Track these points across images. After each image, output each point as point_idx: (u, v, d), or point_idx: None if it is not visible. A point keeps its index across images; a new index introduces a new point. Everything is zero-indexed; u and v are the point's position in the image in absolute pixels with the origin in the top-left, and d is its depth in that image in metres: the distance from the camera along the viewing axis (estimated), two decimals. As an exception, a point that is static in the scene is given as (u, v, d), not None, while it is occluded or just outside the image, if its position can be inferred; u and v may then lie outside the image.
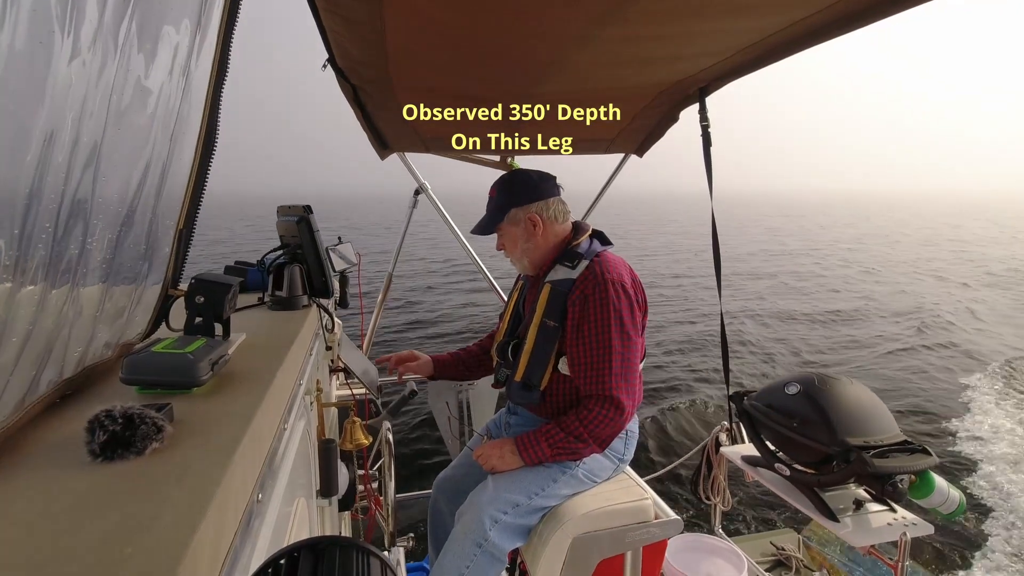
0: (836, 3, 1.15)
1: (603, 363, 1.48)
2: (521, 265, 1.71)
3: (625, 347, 1.49)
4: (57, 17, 0.57)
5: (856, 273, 19.10)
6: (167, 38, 0.82)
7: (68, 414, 0.77)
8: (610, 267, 1.54)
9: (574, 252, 1.60)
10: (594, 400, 1.49)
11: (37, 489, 0.58)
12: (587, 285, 1.51)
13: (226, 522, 0.60)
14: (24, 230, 0.59)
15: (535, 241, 1.64)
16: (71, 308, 0.74)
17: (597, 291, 1.49)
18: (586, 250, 1.60)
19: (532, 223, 1.63)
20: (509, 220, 1.65)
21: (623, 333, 1.49)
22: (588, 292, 1.50)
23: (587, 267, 1.55)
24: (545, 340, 1.56)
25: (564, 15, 1.18)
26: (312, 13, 1.22)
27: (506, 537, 1.49)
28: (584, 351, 1.50)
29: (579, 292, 1.52)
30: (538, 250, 1.65)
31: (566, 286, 1.54)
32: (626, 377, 1.50)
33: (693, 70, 1.64)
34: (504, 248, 1.71)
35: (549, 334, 1.55)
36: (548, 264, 1.65)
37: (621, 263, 1.60)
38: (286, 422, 1.03)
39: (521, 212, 1.63)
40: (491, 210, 1.68)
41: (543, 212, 1.64)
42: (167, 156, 0.94)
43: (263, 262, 1.72)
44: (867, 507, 1.73)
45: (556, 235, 1.66)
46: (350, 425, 1.63)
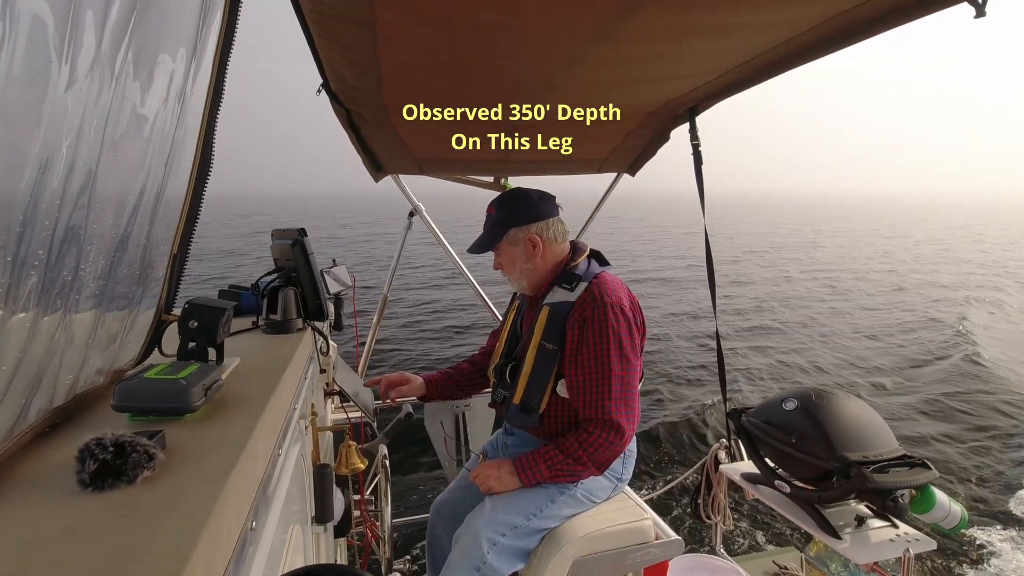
0: (823, 24, 1.18)
1: (603, 387, 1.47)
2: (519, 286, 1.70)
3: (624, 370, 1.48)
4: (55, 46, 0.57)
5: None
6: (163, 66, 0.83)
7: (58, 443, 0.76)
8: (609, 290, 1.53)
9: (572, 274, 1.59)
10: (594, 424, 1.47)
11: (26, 520, 0.57)
12: (586, 308, 1.50)
13: (218, 551, 0.58)
14: (17, 257, 0.59)
15: (534, 262, 1.63)
16: (63, 335, 0.74)
17: (596, 315, 1.48)
18: (584, 271, 1.59)
19: (532, 244, 1.62)
20: (508, 240, 1.63)
21: (622, 356, 1.48)
22: (587, 315, 1.49)
23: (586, 289, 1.54)
24: (544, 363, 1.55)
25: (554, 38, 1.20)
26: (306, 40, 1.24)
27: (504, 560, 1.46)
28: (583, 375, 1.48)
29: (578, 315, 1.51)
30: (537, 271, 1.64)
31: (565, 309, 1.53)
32: (626, 401, 1.49)
33: (683, 90, 1.67)
34: (502, 268, 1.69)
35: (548, 357, 1.54)
36: (546, 285, 1.63)
37: (619, 284, 1.59)
38: (280, 447, 1.02)
39: (521, 232, 1.62)
40: (489, 228, 1.66)
41: (543, 233, 1.63)
42: (162, 181, 0.94)
43: (257, 285, 1.72)
44: (869, 523, 1.72)
45: (555, 256, 1.65)
46: (345, 449, 1.61)
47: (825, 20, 1.16)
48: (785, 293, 17.26)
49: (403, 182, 2.80)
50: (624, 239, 33.91)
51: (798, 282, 19.15)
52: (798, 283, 18.97)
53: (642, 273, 20.45)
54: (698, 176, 2.04)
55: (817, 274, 20.86)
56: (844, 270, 21.97)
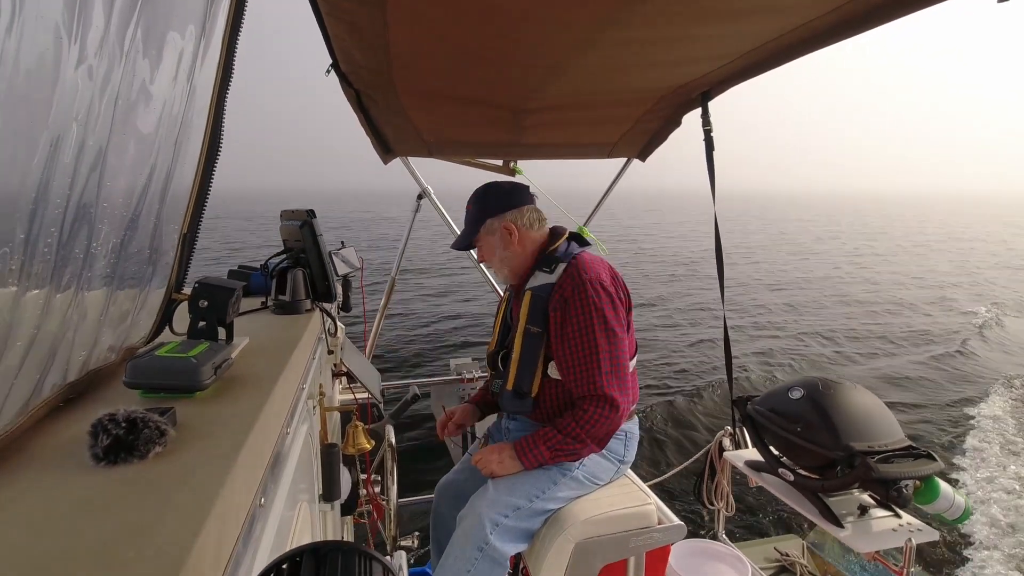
0: (838, 8, 1.15)
1: (591, 363, 1.48)
2: (502, 274, 1.74)
3: (612, 344, 1.50)
4: (64, 24, 0.57)
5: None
6: (172, 44, 0.83)
7: (72, 418, 0.77)
8: (587, 267, 1.55)
9: (552, 257, 1.62)
10: (588, 400, 1.49)
11: (40, 492, 0.58)
12: (566, 288, 1.52)
13: (228, 526, 0.60)
14: (30, 235, 0.60)
15: (512, 249, 1.66)
16: (75, 312, 0.74)
17: (577, 292, 1.50)
18: (563, 253, 1.62)
19: (507, 231, 1.65)
20: (485, 230, 1.68)
21: (608, 330, 1.49)
22: (568, 294, 1.51)
23: (564, 270, 1.56)
24: (530, 346, 1.57)
25: (566, 19, 1.18)
26: (316, 19, 1.23)
27: (507, 540, 1.48)
28: (571, 353, 1.50)
29: (559, 295, 1.53)
30: (516, 258, 1.67)
31: (546, 291, 1.56)
32: (617, 374, 1.50)
33: (695, 74, 1.64)
34: (484, 259, 1.75)
35: (534, 340, 1.57)
36: (528, 271, 1.66)
37: (599, 261, 1.61)
38: (289, 426, 1.03)
39: (496, 221, 1.66)
40: (468, 222, 1.72)
41: (517, 220, 1.66)
42: (171, 161, 0.95)
43: (266, 266, 1.73)
44: (872, 513, 1.72)
45: (533, 242, 1.68)
46: (352, 429, 1.63)
47: (841, 4, 1.13)
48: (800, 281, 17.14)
49: (412, 164, 2.79)
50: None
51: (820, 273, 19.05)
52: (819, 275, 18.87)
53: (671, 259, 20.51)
54: (709, 162, 2.01)
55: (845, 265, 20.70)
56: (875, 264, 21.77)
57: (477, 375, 2.98)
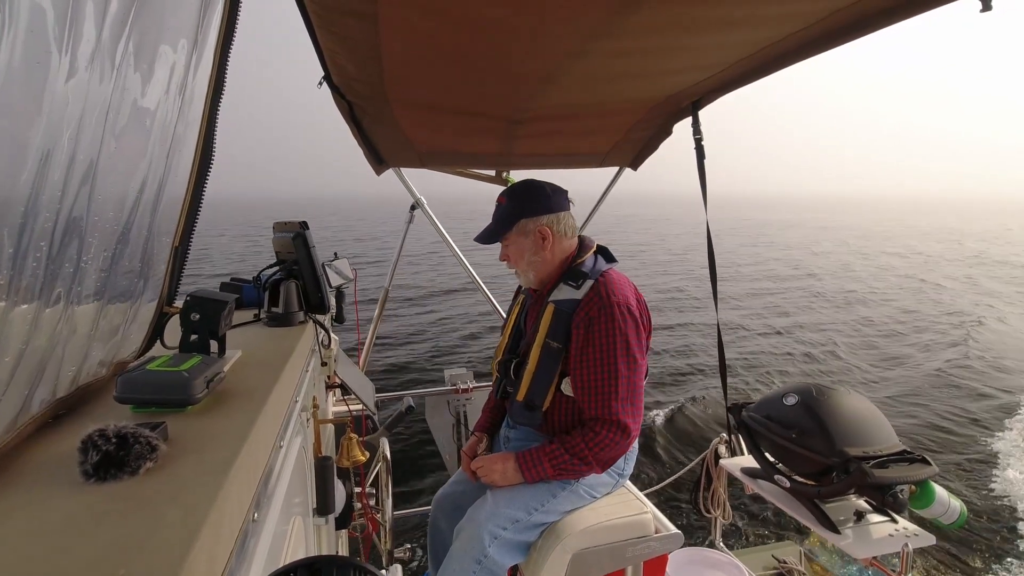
0: (828, 17, 1.17)
1: (609, 388, 1.45)
2: (526, 278, 1.67)
3: (631, 371, 1.47)
4: (55, 36, 0.57)
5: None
6: (164, 57, 0.83)
7: (61, 434, 0.76)
8: (615, 288, 1.51)
9: (578, 271, 1.56)
10: (600, 423, 1.46)
11: (29, 509, 0.57)
12: (592, 307, 1.48)
13: (221, 542, 0.59)
14: (19, 248, 0.59)
15: (543, 255, 1.61)
16: (65, 326, 0.74)
17: (603, 314, 1.46)
18: (591, 269, 1.57)
19: (542, 236, 1.59)
20: (518, 230, 1.61)
21: (629, 356, 1.46)
22: (593, 315, 1.47)
23: (592, 287, 1.51)
24: (548, 361, 1.53)
25: (557, 31, 1.19)
26: (308, 32, 1.23)
27: (505, 553, 1.47)
28: (589, 375, 1.47)
29: (584, 314, 1.49)
30: (545, 264, 1.62)
31: (570, 307, 1.51)
32: (632, 401, 1.48)
33: (686, 84, 1.66)
34: (509, 259, 1.66)
35: (552, 355, 1.52)
36: (553, 280, 1.61)
37: (626, 283, 1.57)
38: (282, 440, 1.02)
39: (532, 223, 1.59)
40: (499, 218, 1.64)
41: (554, 225, 1.60)
42: (163, 173, 0.94)
43: (259, 278, 1.72)
44: (868, 518, 1.73)
45: (563, 250, 1.63)
46: (347, 441, 1.61)
47: (830, 14, 1.15)
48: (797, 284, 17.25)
49: (405, 175, 2.80)
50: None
51: (821, 278, 19.20)
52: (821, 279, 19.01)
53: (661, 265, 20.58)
54: (700, 170, 2.03)
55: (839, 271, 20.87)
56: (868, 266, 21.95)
57: (472, 385, 2.97)
